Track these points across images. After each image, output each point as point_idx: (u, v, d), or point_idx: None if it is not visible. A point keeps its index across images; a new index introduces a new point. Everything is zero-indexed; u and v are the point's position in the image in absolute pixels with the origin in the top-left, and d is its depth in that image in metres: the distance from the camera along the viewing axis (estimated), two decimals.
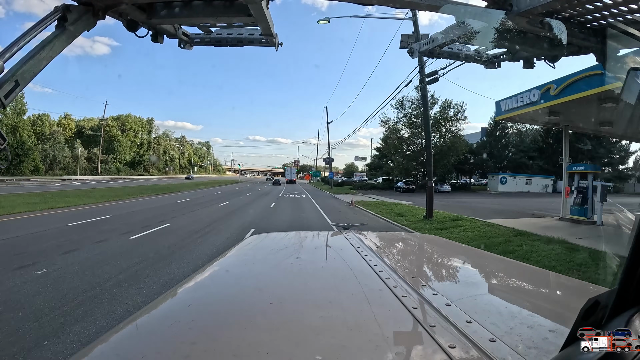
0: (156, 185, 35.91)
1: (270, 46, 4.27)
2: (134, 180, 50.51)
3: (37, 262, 5.77)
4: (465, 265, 1.39)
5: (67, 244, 7.31)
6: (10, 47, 2.47)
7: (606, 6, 2.96)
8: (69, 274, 5.17)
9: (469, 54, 4.65)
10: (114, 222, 10.70)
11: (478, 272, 1.30)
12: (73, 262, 5.85)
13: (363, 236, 1.63)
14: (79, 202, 16.55)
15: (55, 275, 5.12)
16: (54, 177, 46.23)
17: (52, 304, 4.02)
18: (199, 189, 34.56)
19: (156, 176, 74.32)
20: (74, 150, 57.71)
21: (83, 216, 11.74)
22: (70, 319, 3.62)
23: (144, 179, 58.18)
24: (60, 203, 15.49)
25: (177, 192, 28.36)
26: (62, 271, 5.32)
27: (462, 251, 1.66)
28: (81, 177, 51.50)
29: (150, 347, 0.69)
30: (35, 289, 4.49)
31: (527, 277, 1.23)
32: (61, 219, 11.10)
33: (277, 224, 11.57)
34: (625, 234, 4.07)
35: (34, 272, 5.22)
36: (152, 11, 3.42)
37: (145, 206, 16.16)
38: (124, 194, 22.97)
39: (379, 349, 0.63)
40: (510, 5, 3.05)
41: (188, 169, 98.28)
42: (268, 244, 1.68)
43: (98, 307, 3.95)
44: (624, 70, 3.37)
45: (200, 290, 1.04)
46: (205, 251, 6.93)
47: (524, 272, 1.28)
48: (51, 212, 12.95)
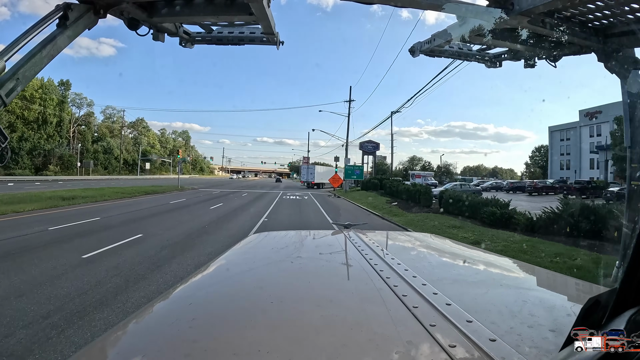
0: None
1: (271, 45, 4.27)
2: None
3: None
4: (465, 264, 1.39)
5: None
6: (12, 45, 2.47)
7: (607, 6, 2.96)
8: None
9: (471, 53, 4.64)
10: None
11: (479, 272, 1.30)
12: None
13: (364, 235, 1.63)
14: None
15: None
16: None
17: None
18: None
19: (67, 177, 45.14)
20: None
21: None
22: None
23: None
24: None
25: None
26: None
27: (462, 250, 1.66)
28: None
29: (151, 346, 0.70)
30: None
31: (528, 277, 1.23)
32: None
33: None
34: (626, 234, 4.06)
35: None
36: (153, 9, 3.42)
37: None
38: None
39: (380, 348, 0.63)
40: (511, 5, 3.04)
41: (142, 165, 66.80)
42: (269, 242, 1.68)
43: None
44: (625, 70, 3.36)
45: (201, 289, 1.05)
46: None
47: (525, 272, 1.28)
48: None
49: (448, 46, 4.34)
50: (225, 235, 9.10)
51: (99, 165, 58.99)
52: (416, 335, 0.65)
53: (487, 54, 4.66)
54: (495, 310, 0.82)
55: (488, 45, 4.34)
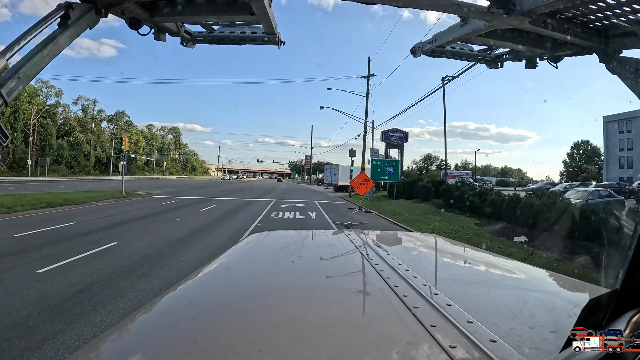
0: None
1: (272, 45, 4.27)
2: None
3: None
4: (466, 264, 1.39)
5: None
6: (14, 44, 2.48)
7: (609, 6, 2.95)
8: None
9: (472, 53, 4.64)
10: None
11: (479, 272, 1.30)
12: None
13: (364, 235, 1.63)
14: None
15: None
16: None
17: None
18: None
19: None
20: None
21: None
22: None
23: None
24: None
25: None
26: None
27: (463, 251, 1.66)
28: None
29: (152, 345, 0.70)
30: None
31: (529, 278, 1.22)
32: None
33: None
34: (627, 235, 4.05)
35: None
36: (155, 9, 3.42)
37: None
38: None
39: (380, 348, 0.63)
40: (513, 5, 3.04)
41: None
42: (269, 242, 1.68)
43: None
44: (627, 71, 3.35)
45: (202, 288, 1.05)
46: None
47: (526, 273, 1.28)
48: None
49: (449, 46, 4.33)
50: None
51: (62, 164, 49.93)
52: (416, 335, 0.65)
53: (488, 54, 4.66)
54: (496, 311, 0.82)
55: (489, 46, 4.34)
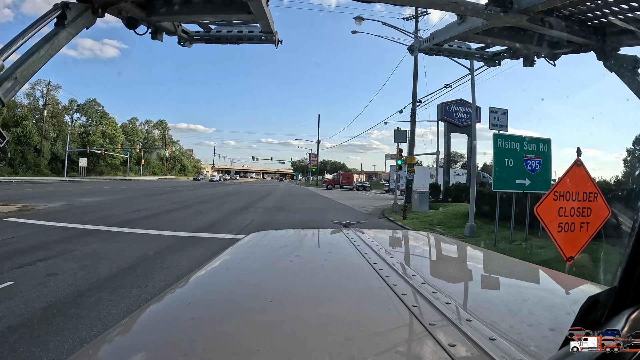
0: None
1: (269, 43, 4.26)
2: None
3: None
4: (465, 263, 1.39)
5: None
6: (10, 45, 2.46)
7: (606, 4, 2.96)
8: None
9: (470, 51, 4.64)
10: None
11: (478, 271, 1.30)
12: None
13: (363, 234, 1.63)
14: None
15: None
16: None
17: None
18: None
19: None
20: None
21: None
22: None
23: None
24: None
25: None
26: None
27: (462, 249, 1.66)
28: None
29: (150, 345, 0.70)
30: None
31: (528, 276, 1.23)
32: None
33: None
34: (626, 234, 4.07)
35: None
36: (152, 8, 3.41)
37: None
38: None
39: (379, 347, 0.63)
40: (510, 3, 3.04)
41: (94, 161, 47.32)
42: (268, 241, 1.68)
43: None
44: (624, 68, 3.36)
45: (200, 288, 1.04)
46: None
47: (525, 271, 1.28)
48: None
49: (447, 45, 4.33)
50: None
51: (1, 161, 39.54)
52: (416, 334, 0.65)
53: (486, 52, 4.66)
54: (495, 309, 0.82)
55: (487, 44, 4.34)
